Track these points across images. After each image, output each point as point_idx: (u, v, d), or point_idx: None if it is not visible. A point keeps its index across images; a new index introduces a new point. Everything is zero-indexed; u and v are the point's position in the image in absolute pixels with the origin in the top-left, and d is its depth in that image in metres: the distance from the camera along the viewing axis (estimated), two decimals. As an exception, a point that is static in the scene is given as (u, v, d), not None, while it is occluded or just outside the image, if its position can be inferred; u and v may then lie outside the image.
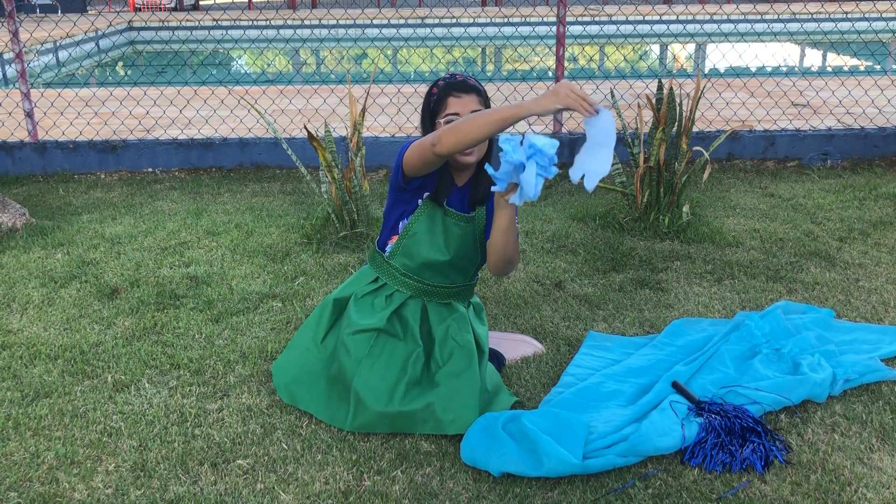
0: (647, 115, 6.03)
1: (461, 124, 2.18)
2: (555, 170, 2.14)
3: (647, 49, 14.91)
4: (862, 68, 10.82)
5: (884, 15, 13.97)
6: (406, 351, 2.45)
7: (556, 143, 2.12)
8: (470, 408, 2.32)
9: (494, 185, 2.24)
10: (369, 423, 2.33)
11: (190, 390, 2.59)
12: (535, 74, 10.31)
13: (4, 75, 10.33)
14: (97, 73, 12.09)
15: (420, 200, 2.52)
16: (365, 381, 2.37)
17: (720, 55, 11.57)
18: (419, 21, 13.32)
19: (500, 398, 2.49)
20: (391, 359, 2.42)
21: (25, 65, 5.31)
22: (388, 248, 2.57)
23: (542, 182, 2.13)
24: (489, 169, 2.23)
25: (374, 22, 14.25)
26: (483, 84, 2.48)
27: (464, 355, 2.42)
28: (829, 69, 11.49)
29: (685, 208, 4.05)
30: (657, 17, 13.23)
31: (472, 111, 2.39)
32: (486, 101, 2.47)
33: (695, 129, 5.38)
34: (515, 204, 2.24)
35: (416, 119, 5.46)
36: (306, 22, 14.53)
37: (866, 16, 13.03)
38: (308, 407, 2.45)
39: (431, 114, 2.45)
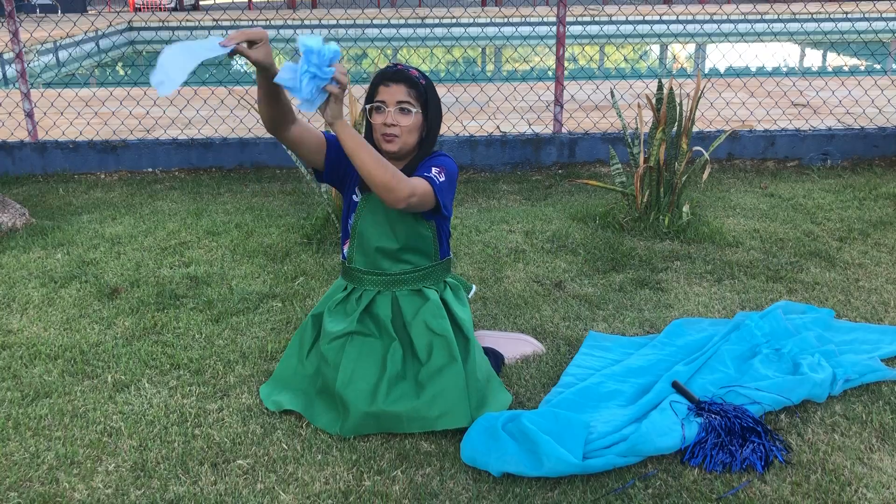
0: (647, 115, 6.03)
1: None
2: (329, 71, 2.12)
3: (647, 49, 14.91)
4: (862, 68, 10.83)
5: (884, 15, 13.97)
6: (383, 347, 2.45)
7: (329, 42, 2.11)
8: (458, 401, 2.32)
9: (298, 104, 2.21)
10: (357, 425, 2.33)
11: (190, 390, 2.59)
12: (535, 74, 10.31)
13: (4, 75, 10.33)
14: (97, 73, 12.09)
15: (355, 197, 2.53)
16: (346, 384, 2.37)
17: (720, 55, 11.57)
18: (419, 21, 13.33)
19: (492, 388, 2.48)
20: (369, 358, 2.42)
21: (25, 65, 5.31)
22: (345, 254, 2.59)
23: (307, 77, 2.10)
24: (277, 77, 2.16)
25: (374, 22, 14.25)
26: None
27: (443, 347, 2.40)
28: (829, 69, 11.49)
29: (685, 208, 4.05)
30: (657, 17, 13.23)
31: (398, 101, 2.39)
32: (419, 92, 2.43)
33: (695, 129, 5.38)
34: (313, 113, 2.17)
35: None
36: (306, 22, 14.53)
37: (866, 16, 13.03)
38: (296, 409, 2.45)
39: (366, 101, 2.47)
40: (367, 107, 2.43)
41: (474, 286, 3.15)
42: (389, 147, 2.43)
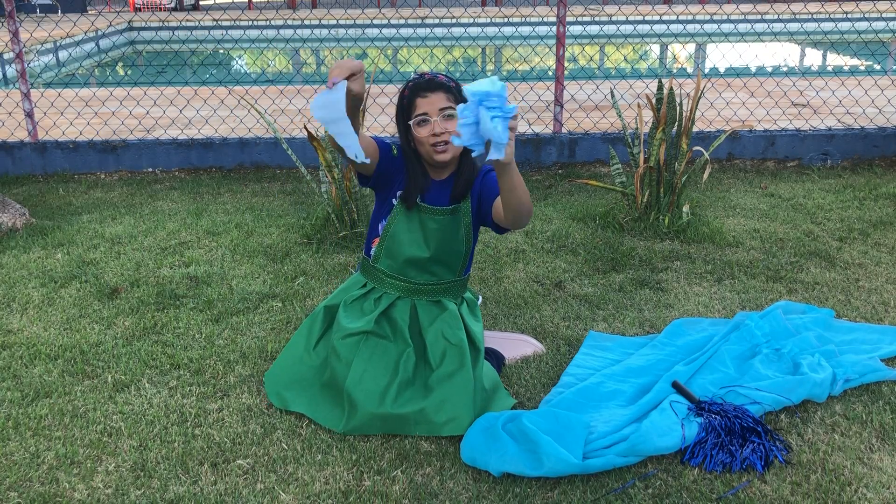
0: (647, 115, 6.03)
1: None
2: (512, 107, 2.04)
3: (647, 49, 14.91)
4: (862, 68, 10.83)
5: (884, 15, 13.97)
6: (396, 351, 2.45)
7: (495, 79, 2.03)
8: (464, 408, 2.32)
9: (473, 153, 2.11)
10: (362, 425, 2.33)
11: (190, 390, 2.59)
12: (535, 74, 10.31)
13: (4, 75, 10.33)
14: (97, 73, 12.10)
15: (395, 200, 2.53)
16: (356, 383, 2.37)
17: (720, 55, 11.57)
18: (419, 21, 13.33)
19: (498, 397, 2.49)
20: (382, 360, 2.42)
21: (25, 65, 5.31)
22: (372, 252, 2.59)
23: (500, 122, 2.02)
24: (455, 140, 2.09)
25: (374, 22, 14.26)
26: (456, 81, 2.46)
27: (456, 354, 2.41)
28: (829, 69, 11.49)
29: (685, 208, 4.05)
30: (657, 17, 13.23)
31: (441, 109, 2.39)
32: (456, 97, 2.44)
33: (695, 129, 5.38)
34: (500, 159, 2.08)
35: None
36: (306, 22, 14.53)
37: (866, 16, 13.03)
38: (300, 409, 2.45)
39: (404, 117, 2.46)
40: (411, 122, 2.42)
41: (480, 296, 3.16)
42: (443, 157, 2.43)
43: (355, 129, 2.23)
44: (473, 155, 2.12)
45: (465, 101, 2.46)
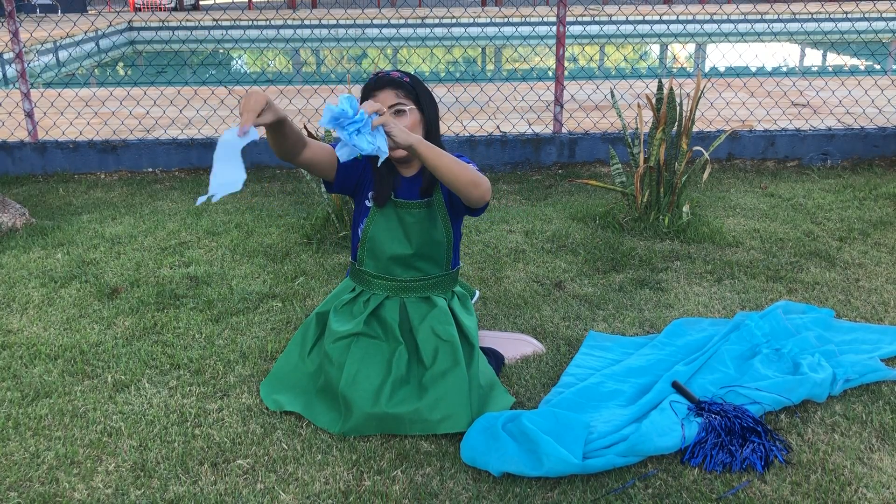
0: (647, 115, 6.03)
1: None
2: (360, 115, 2.07)
3: (647, 49, 14.91)
4: (862, 68, 10.83)
5: (884, 15, 13.98)
6: (388, 350, 2.45)
7: (336, 98, 2.09)
8: (460, 405, 2.32)
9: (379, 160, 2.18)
10: (358, 425, 2.33)
11: (190, 390, 2.59)
12: (535, 74, 10.31)
13: (4, 75, 10.33)
14: (97, 73, 12.10)
15: (368, 202, 2.53)
16: (350, 384, 2.37)
17: (720, 55, 11.58)
18: (419, 21, 13.33)
19: (495, 394, 2.48)
20: (374, 359, 2.43)
21: (25, 65, 5.31)
22: (357, 256, 2.59)
23: (356, 136, 2.07)
24: (340, 159, 2.17)
25: (374, 22, 14.26)
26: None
27: (448, 352, 2.41)
28: (829, 69, 11.50)
29: (685, 208, 4.05)
30: (657, 17, 13.23)
31: (390, 106, 2.39)
32: (408, 92, 2.42)
33: (695, 129, 5.38)
34: (392, 153, 2.13)
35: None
36: (306, 22, 14.53)
37: (866, 16, 13.03)
38: (295, 410, 2.45)
39: None
40: None
41: (478, 291, 3.15)
42: (397, 154, 2.43)
43: (301, 145, 2.28)
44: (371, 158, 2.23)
45: (425, 90, 2.48)
